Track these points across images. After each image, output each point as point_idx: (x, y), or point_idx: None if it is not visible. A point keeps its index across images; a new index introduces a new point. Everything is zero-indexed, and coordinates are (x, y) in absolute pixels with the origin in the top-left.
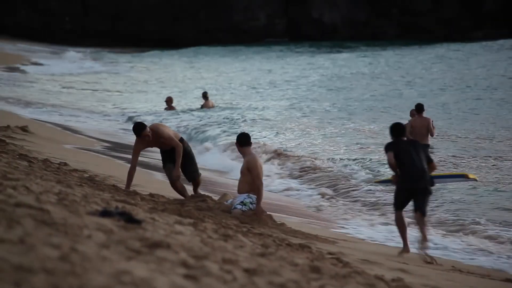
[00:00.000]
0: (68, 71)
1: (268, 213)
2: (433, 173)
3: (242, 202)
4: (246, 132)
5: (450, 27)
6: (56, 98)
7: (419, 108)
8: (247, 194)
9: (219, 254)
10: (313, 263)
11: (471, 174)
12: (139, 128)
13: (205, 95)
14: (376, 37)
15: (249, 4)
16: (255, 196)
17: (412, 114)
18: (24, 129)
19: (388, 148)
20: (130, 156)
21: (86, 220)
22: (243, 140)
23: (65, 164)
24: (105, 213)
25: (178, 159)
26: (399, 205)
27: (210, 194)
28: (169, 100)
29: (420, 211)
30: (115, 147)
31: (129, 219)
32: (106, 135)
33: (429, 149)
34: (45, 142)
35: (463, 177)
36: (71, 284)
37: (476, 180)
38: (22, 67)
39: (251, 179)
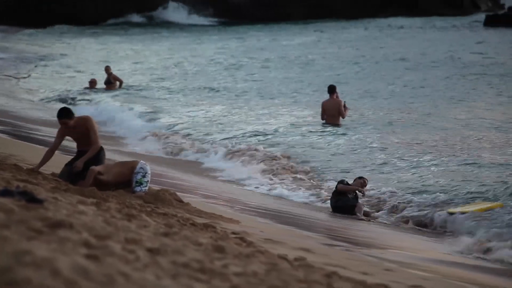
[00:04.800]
0: None
1: (172, 191)
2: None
3: (137, 182)
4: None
5: (357, 7)
6: None
7: (330, 90)
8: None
9: (122, 233)
10: (217, 243)
11: (495, 203)
12: (60, 112)
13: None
14: (283, 17)
15: None
16: (143, 168)
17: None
18: None
19: None
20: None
21: None
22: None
23: None
24: (5, 193)
25: (89, 154)
26: None
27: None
28: (93, 82)
29: None
30: (18, 126)
31: (31, 199)
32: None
33: (340, 128)
34: None
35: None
36: None
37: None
38: None
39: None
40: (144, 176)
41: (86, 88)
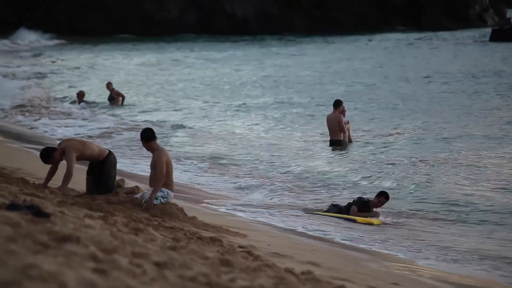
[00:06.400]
0: None
1: (180, 206)
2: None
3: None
4: (149, 127)
5: (360, 21)
6: None
7: (334, 104)
8: None
9: (129, 247)
10: (223, 257)
11: (374, 220)
12: (41, 158)
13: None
14: (287, 30)
15: None
16: (166, 190)
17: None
18: None
19: None
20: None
21: None
22: (149, 136)
23: None
24: (12, 207)
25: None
26: None
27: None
28: (80, 95)
29: None
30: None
31: (38, 213)
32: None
33: (341, 145)
34: None
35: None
36: None
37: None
38: None
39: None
40: (163, 197)
41: (73, 102)
